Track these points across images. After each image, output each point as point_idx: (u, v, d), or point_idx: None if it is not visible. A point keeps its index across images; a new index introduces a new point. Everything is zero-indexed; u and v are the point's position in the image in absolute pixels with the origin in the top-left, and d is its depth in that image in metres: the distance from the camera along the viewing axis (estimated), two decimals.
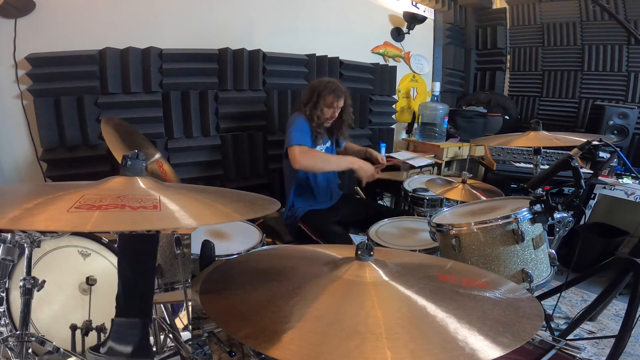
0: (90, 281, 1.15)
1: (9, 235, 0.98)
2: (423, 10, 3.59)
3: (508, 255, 1.30)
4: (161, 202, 0.69)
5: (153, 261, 1.02)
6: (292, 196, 2.14)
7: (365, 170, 2.03)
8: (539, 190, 1.46)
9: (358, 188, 2.63)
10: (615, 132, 2.95)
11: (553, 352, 0.94)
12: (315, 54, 2.75)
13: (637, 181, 2.51)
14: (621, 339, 1.34)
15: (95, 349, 0.93)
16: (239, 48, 2.39)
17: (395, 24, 3.40)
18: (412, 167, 2.86)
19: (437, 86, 3.44)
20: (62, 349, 0.99)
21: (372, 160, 2.27)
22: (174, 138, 2.28)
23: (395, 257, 0.92)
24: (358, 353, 0.55)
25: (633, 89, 3.20)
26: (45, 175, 2.00)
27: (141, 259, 0.99)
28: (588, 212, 2.62)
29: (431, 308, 0.67)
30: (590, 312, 1.59)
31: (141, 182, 0.77)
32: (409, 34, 3.42)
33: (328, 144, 2.26)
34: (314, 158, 1.95)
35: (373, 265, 0.78)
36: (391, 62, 3.41)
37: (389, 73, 3.26)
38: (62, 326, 1.05)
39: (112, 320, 0.94)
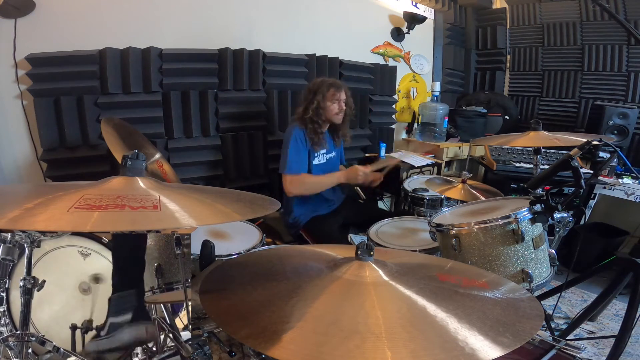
0: (90, 281, 1.15)
1: (9, 235, 0.98)
2: (423, 10, 3.59)
3: (508, 255, 1.30)
4: (161, 202, 0.69)
5: (144, 237, 1.07)
6: (294, 204, 2.12)
7: (355, 176, 2.01)
8: (539, 190, 1.46)
9: (358, 189, 2.64)
10: (615, 132, 2.95)
11: (553, 352, 0.94)
12: (315, 54, 2.75)
13: (637, 181, 2.50)
14: (621, 339, 1.34)
15: (96, 335, 0.94)
16: (239, 48, 2.39)
17: (395, 24, 3.40)
18: (412, 167, 2.86)
19: (437, 86, 3.44)
20: (62, 349, 0.99)
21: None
22: (174, 138, 2.28)
23: (395, 257, 0.92)
24: (358, 353, 0.56)
25: (633, 89, 3.19)
26: (45, 175, 2.00)
27: (133, 236, 1.04)
28: (588, 212, 2.62)
29: (431, 308, 0.67)
30: (590, 312, 1.59)
31: (141, 182, 0.77)
32: (409, 34, 3.42)
33: (333, 153, 2.23)
34: (304, 185, 2.00)
35: (373, 265, 0.78)
36: (391, 62, 3.41)
37: (389, 73, 3.26)
38: (62, 326, 1.04)
39: (109, 298, 0.98)
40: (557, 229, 1.61)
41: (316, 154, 2.12)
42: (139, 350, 1.06)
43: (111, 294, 1.00)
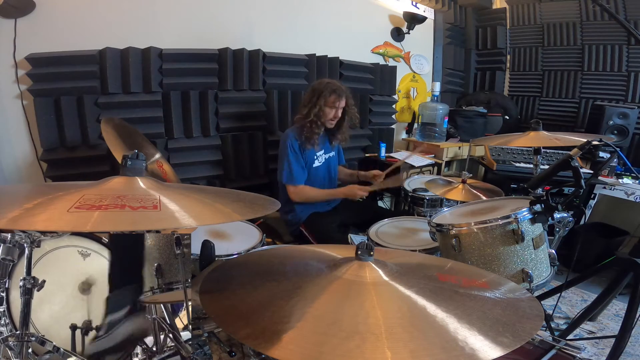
0: (90, 281, 1.15)
1: (9, 235, 0.98)
2: (423, 10, 3.59)
3: (508, 255, 1.30)
4: (161, 202, 0.69)
5: (141, 235, 1.08)
6: (295, 202, 2.13)
7: (355, 194, 2.08)
8: (539, 190, 1.46)
9: None
10: (615, 132, 2.95)
11: (553, 352, 0.94)
12: (315, 54, 2.75)
13: (637, 181, 2.51)
14: (621, 339, 1.34)
15: (96, 336, 0.95)
16: (239, 48, 2.39)
17: (395, 24, 3.40)
18: (412, 167, 2.87)
19: (437, 86, 3.44)
20: (62, 349, 0.99)
21: (368, 181, 2.29)
22: (174, 138, 2.28)
23: (395, 257, 0.92)
24: (358, 353, 0.55)
25: (633, 89, 3.20)
26: (45, 175, 2.00)
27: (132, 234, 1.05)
28: (588, 212, 2.62)
29: (431, 308, 0.67)
30: (590, 312, 1.59)
31: (141, 182, 0.77)
32: (409, 34, 3.42)
33: (332, 153, 2.25)
34: (306, 196, 2.10)
35: (373, 265, 0.78)
36: (391, 62, 3.41)
37: (389, 73, 3.26)
38: (62, 326, 1.04)
39: (107, 297, 0.99)
40: (557, 229, 1.61)
41: (316, 156, 2.14)
42: (139, 350, 1.06)
43: (109, 292, 1.01)
